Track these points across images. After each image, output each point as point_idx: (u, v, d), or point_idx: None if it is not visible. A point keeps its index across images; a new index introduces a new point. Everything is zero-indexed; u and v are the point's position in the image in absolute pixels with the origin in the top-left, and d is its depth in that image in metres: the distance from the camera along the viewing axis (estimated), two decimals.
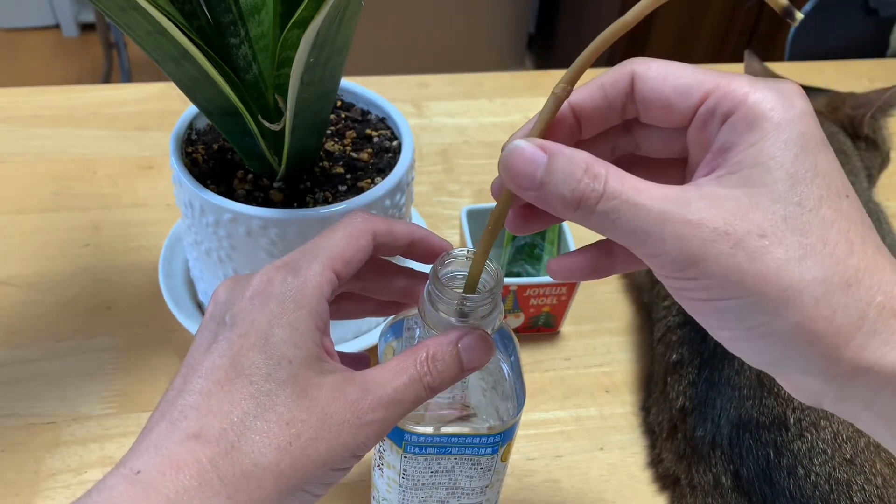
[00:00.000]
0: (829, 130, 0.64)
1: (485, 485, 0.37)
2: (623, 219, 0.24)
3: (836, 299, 0.22)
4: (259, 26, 0.43)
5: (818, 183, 0.23)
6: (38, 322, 0.55)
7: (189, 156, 0.48)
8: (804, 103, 0.24)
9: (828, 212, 0.23)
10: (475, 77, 0.87)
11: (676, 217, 0.23)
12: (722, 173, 0.24)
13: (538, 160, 0.25)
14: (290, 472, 0.25)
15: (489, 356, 0.30)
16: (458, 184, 0.72)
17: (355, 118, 0.53)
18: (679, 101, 0.25)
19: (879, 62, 0.99)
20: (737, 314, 0.23)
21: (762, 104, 0.23)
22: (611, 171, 0.24)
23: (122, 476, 0.24)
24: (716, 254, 0.23)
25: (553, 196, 0.25)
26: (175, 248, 0.57)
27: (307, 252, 0.29)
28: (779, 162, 0.23)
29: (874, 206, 0.61)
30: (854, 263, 0.23)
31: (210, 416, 0.25)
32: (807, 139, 0.23)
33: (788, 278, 0.22)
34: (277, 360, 0.26)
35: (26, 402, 0.50)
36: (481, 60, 2.14)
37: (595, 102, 0.27)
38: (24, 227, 0.63)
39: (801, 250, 0.22)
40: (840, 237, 0.23)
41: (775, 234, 0.22)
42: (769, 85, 0.24)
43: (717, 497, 0.45)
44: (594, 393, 0.55)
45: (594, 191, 0.24)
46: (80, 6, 2.33)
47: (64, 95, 0.78)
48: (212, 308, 0.28)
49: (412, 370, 0.28)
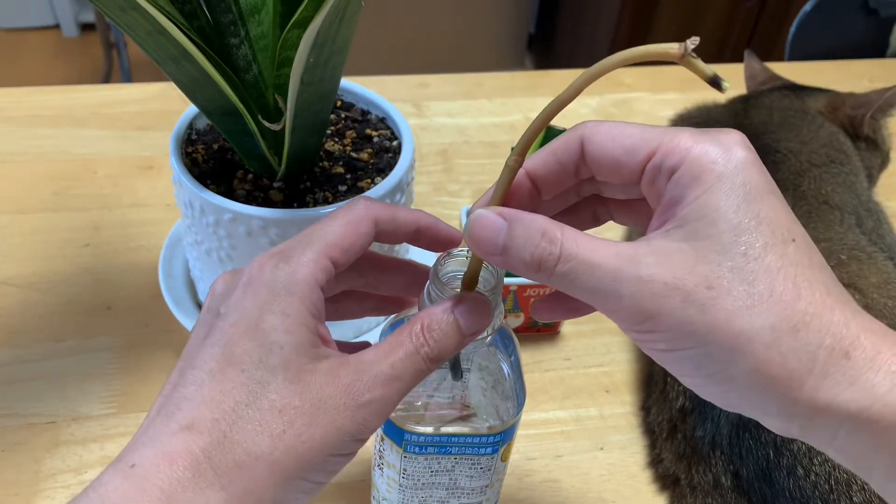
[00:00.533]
0: (830, 130, 0.64)
1: (485, 484, 0.37)
2: (581, 278, 0.25)
3: (785, 344, 0.23)
4: (259, 26, 0.43)
5: (762, 231, 0.24)
6: (38, 322, 0.55)
7: (189, 156, 0.48)
8: (746, 152, 0.25)
9: (773, 259, 0.24)
10: (475, 77, 0.87)
11: (629, 274, 0.24)
12: (670, 227, 0.25)
13: (499, 227, 0.26)
14: (285, 461, 0.25)
15: (488, 319, 0.29)
16: (458, 184, 0.72)
17: (355, 118, 0.53)
18: (627, 160, 0.26)
19: (879, 62, 0.99)
20: (695, 362, 0.25)
21: (703, 158, 0.24)
22: (566, 234, 0.25)
23: (117, 471, 0.24)
24: (669, 308, 0.24)
25: (515, 260, 0.26)
26: (175, 248, 0.57)
27: (302, 239, 0.28)
28: (722, 213, 0.24)
29: (874, 206, 0.61)
30: (802, 308, 0.23)
31: (202, 406, 0.25)
32: (749, 188, 0.24)
33: (738, 327, 0.23)
34: (268, 347, 0.25)
35: (26, 402, 0.50)
36: (481, 60, 2.14)
37: (549, 168, 0.29)
38: (24, 227, 0.63)
39: (748, 299, 0.23)
40: (787, 283, 0.24)
41: (722, 285, 0.23)
42: (711, 137, 0.25)
43: (717, 497, 0.45)
44: (594, 393, 0.55)
45: (551, 254, 0.25)
46: (80, 6, 2.33)
47: (64, 95, 0.78)
48: (209, 300, 0.28)
49: (407, 343, 0.27)
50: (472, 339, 0.29)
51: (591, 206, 0.31)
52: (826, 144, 0.61)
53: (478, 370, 0.35)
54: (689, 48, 0.22)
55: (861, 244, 0.53)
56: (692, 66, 0.23)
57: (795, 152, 0.60)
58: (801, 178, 0.57)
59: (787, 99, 0.67)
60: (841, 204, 0.56)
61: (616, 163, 0.27)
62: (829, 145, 0.62)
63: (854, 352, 0.23)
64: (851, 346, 0.23)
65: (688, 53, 0.22)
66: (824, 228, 0.53)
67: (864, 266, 0.50)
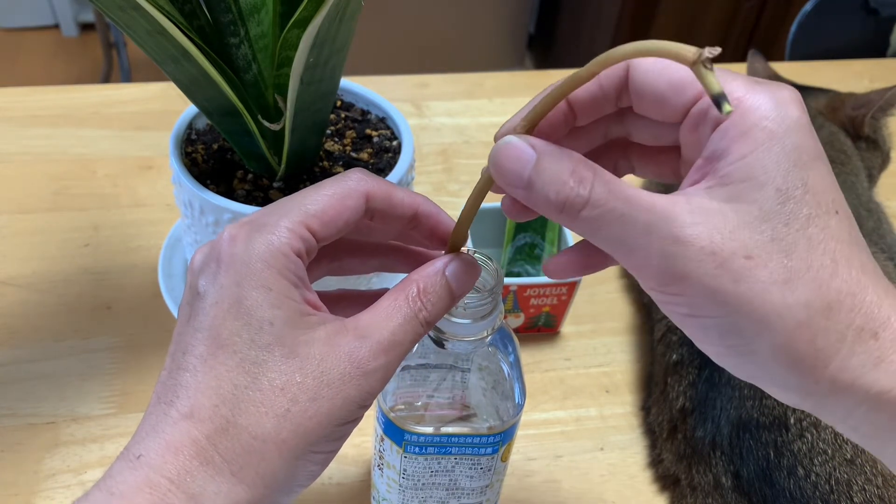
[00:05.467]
0: (830, 130, 0.64)
1: (485, 485, 0.37)
2: (607, 228, 0.23)
3: (816, 323, 0.22)
4: (259, 26, 0.43)
5: (808, 200, 0.23)
6: (38, 322, 0.55)
7: (189, 156, 0.48)
8: (800, 112, 0.23)
9: (815, 231, 0.23)
10: (475, 77, 0.87)
11: (663, 231, 0.23)
12: (711, 184, 0.23)
13: (526, 158, 0.24)
14: (293, 439, 0.24)
15: (476, 278, 0.29)
16: (458, 184, 0.72)
17: (355, 118, 0.53)
18: (673, 97, 0.25)
19: (879, 62, 0.99)
20: (719, 332, 0.24)
21: (756, 112, 0.23)
22: (598, 176, 0.24)
23: (124, 463, 0.24)
24: (700, 273, 0.23)
25: (540, 197, 0.24)
26: (175, 248, 0.57)
27: (279, 206, 0.26)
28: (770, 177, 0.23)
29: (875, 206, 0.61)
30: (836, 286, 0.23)
31: (199, 393, 0.24)
32: (800, 152, 0.23)
33: (771, 302, 0.22)
34: (258, 325, 0.24)
35: (26, 402, 0.50)
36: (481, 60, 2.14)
37: (590, 91, 0.26)
38: (24, 227, 0.63)
39: (785, 273, 0.22)
40: (825, 258, 0.23)
41: (760, 255, 0.22)
42: (766, 90, 0.23)
43: (718, 497, 0.45)
44: (594, 393, 0.55)
45: (579, 196, 0.23)
46: (80, 6, 2.33)
47: (64, 95, 0.78)
48: (189, 277, 0.27)
49: (405, 308, 0.26)
50: (460, 300, 0.28)
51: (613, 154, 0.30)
52: (826, 144, 0.61)
53: (478, 370, 0.35)
54: (704, 56, 0.21)
55: None
56: (702, 76, 0.21)
57: None
58: None
59: None
60: None
61: (660, 97, 0.25)
62: (830, 145, 0.62)
63: (883, 332, 0.23)
64: (881, 327, 0.23)
65: (701, 61, 0.21)
66: None
67: None
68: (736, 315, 0.23)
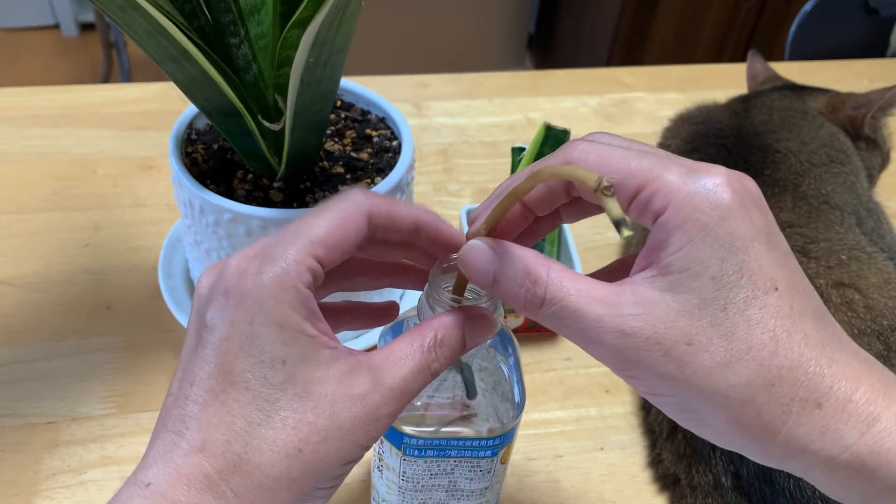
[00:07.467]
0: (830, 130, 0.64)
1: (484, 487, 0.37)
2: (564, 322, 0.25)
3: (760, 399, 0.24)
4: (259, 26, 0.43)
5: (743, 284, 0.24)
6: (38, 322, 0.55)
7: (189, 156, 0.48)
8: (731, 195, 0.24)
9: (753, 312, 0.24)
10: (475, 77, 0.87)
11: (611, 325, 0.25)
12: (654, 273, 0.25)
13: (490, 260, 0.27)
14: (302, 478, 0.25)
15: (489, 337, 0.29)
16: (458, 184, 0.72)
17: (355, 118, 0.53)
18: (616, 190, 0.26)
19: (879, 62, 0.99)
20: (677, 408, 0.26)
21: (688, 204, 0.24)
22: (552, 275, 0.25)
23: (134, 488, 0.24)
24: (649, 360, 0.24)
25: (505, 295, 0.27)
26: (175, 248, 0.57)
27: (284, 236, 0.26)
28: (704, 267, 0.24)
29: (874, 206, 0.61)
30: (777, 363, 0.24)
31: (211, 428, 0.24)
32: (733, 238, 0.24)
33: (715, 384, 0.24)
34: (270, 363, 0.25)
35: (26, 402, 0.50)
36: (481, 60, 2.14)
37: (541, 191, 0.29)
38: (24, 227, 0.63)
39: (726, 356, 0.24)
40: (764, 337, 0.24)
41: (701, 341, 0.24)
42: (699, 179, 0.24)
43: (718, 497, 0.45)
44: (594, 393, 0.55)
45: (535, 296, 0.26)
46: (80, 6, 2.33)
47: (64, 95, 0.78)
48: (195, 302, 0.27)
49: (419, 357, 0.27)
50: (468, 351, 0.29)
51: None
52: (826, 144, 0.61)
53: (478, 371, 0.35)
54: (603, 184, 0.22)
55: (861, 244, 0.53)
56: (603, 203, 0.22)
57: (796, 152, 0.60)
58: (802, 178, 0.57)
59: (787, 99, 0.67)
60: (841, 204, 0.56)
61: None
62: (830, 145, 0.62)
63: (826, 402, 0.24)
64: (824, 398, 0.24)
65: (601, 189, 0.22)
66: (825, 228, 0.53)
67: (865, 266, 0.50)
68: (686, 396, 0.25)
